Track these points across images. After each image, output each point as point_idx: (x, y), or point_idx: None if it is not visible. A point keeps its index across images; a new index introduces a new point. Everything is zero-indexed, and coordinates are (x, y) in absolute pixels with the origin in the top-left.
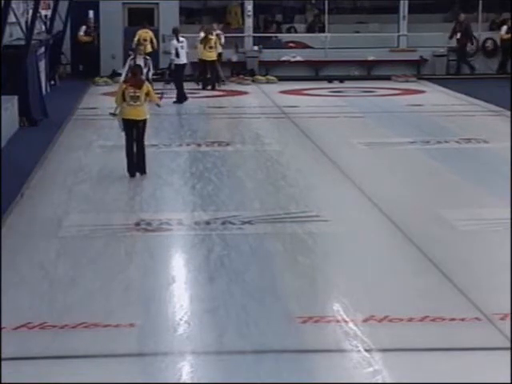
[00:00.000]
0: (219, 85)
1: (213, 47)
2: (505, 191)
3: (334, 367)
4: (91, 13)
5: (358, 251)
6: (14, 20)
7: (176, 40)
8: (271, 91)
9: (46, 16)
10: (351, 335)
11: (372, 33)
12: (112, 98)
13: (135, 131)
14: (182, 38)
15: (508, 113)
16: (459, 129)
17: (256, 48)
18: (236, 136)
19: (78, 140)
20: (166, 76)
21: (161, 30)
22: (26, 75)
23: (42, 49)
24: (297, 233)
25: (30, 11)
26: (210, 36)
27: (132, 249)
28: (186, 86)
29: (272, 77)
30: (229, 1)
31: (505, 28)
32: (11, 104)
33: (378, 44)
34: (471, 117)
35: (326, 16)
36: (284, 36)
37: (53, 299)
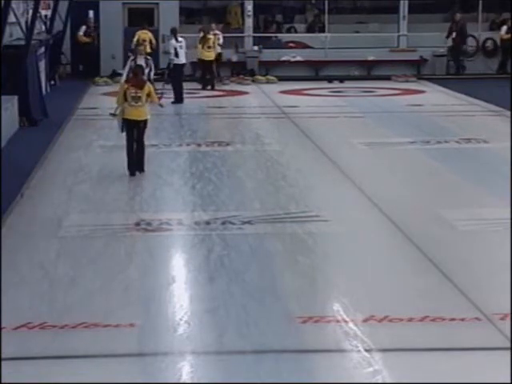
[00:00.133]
0: (219, 84)
1: (211, 47)
2: (505, 191)
3: (334, 367)
4: (91, 13)
5: (358, 251)
6: (14, 20)
7: (175, 40)
8: (271, 91)
9: (46, 16)
10: (351, 335)
11: (372, 33)
12: (112, 98)
13: (136, 131)
14: (181, 38)
15: (508, 113)
16: (459, 129)
17: (256, 48)
18: (236, 136)
19: (78, 140)
20: (166, 76)
21: (161, 30)
22: (26, 75)
23: (42, 49)
24: (297, 233)
25: (30, 11)
26: (209, 36)
27: (132, 249)
28: (186, 86)
29: (272, 77)
30: (229, 1)
31: (505, 28)
32: (11, 104)
33: (378, 44)
34: (471, 117)
35: (326, 16)
36: (284, 36)
37: (53, 299)
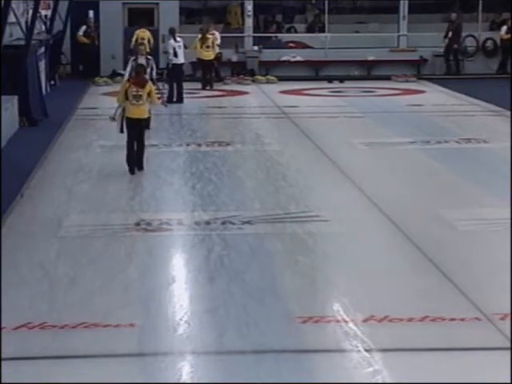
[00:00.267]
0: (220, 84)
1: (210, 46)
2: (505, 191)
3: (334, 367)
4: (91, 13)
5: (358, 251)
6: (14, 20)
7: (173, 40)
8: (271, 91)
9: (46, 16)
10: (351, 335)
11: (372, 33)
12: (112, 98)
13: (137, 129)
14: (179, 38)
15: (508, 113)
16: (459, 129)
17: (256, 48)
18: (236, 136)
19: (78, 140)
20: (165, 76)
21: (161, 30)
22: (26, 75)
23: (42, 49)
24: (297, 233)
25: (30, 11)
26: (207, 35)
27: (132, 249)
28: (186, 86)
29: (272, 77)
30: (229, 1)
31: (505, 28)
32: (11, 104)
33: (378, 44)
34: (471, 117)
35: (326, 16)
36: (284, 36)
37: (53, 299)
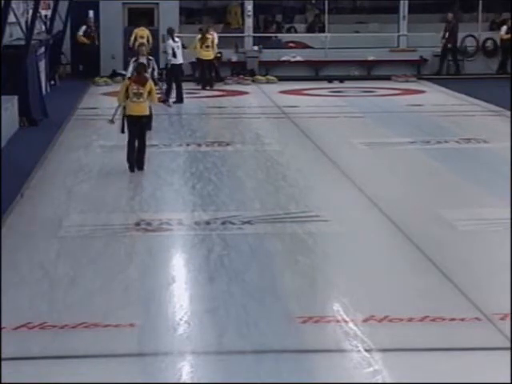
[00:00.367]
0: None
1: (209, 46)
2: (505, 191)
3: (334, 367)
4: (91, 13)
5: (358, 251)
6: (14, 20)
7: (172, 40)
8: (271, 91)
9: (46, 16)
10: (351, 335)
11: (372, 33)
12: (112, 98)
13: (138, 127)
14: (177, 39)
15: (508, 113)
16: (459, 129)
17: (256, 48)
18: (236, 136)
19: (78, 140)
20: (164, 76)
21: (161, 30)
22: (26, 75)
23: (42, 49)
24: (297, 233)
25: (30, 11)
26: (207, 35)
27: (132, 249)
28: (186, 86)
29: (272, 77)
30: (229, 1)
31: (505, 28)
32: (11, 104)
33: (378, 44)
34: (471, 117)
35: (326, 16)
36: (284, 36)
37: (53, 299)
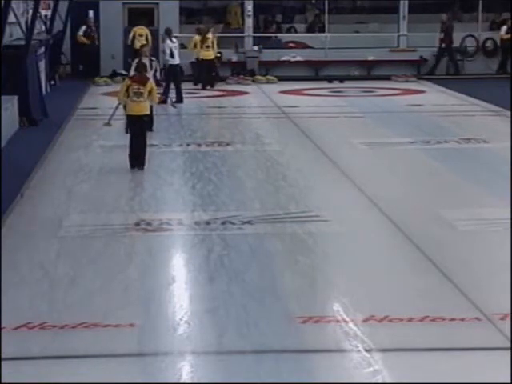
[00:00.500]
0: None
1: (210, 46)
2: (505, 191)
3: (334, 367)
4: (91, 13)
5: (358, 251)
6: (14, 20)
7: (169, 40)
8: (271, 91)
9: (46, 16)
10: (351, 335)
11: (372, 33)
12: (112, 98)
13: (138, 126)
14: (175, 39)
15: (508, 113)
16: (459, 129)
17: (256, 48)
18: (236, 136)
19: (78, 140)
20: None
21: (161, 30)
22: (26, 75)
23: (42, 49)
24: (297, 233)
25: (30, 11)
26: (207, 35)
27: (132, 249)
28: (186, 86)
29: (272, 77)
30: (229, 1)
31: (505, 28)
32: (11, 104)
33: (378, 44)
34: (471, 117)
35: (326, 16)
36: (284, 36)
37: (53, 299)
